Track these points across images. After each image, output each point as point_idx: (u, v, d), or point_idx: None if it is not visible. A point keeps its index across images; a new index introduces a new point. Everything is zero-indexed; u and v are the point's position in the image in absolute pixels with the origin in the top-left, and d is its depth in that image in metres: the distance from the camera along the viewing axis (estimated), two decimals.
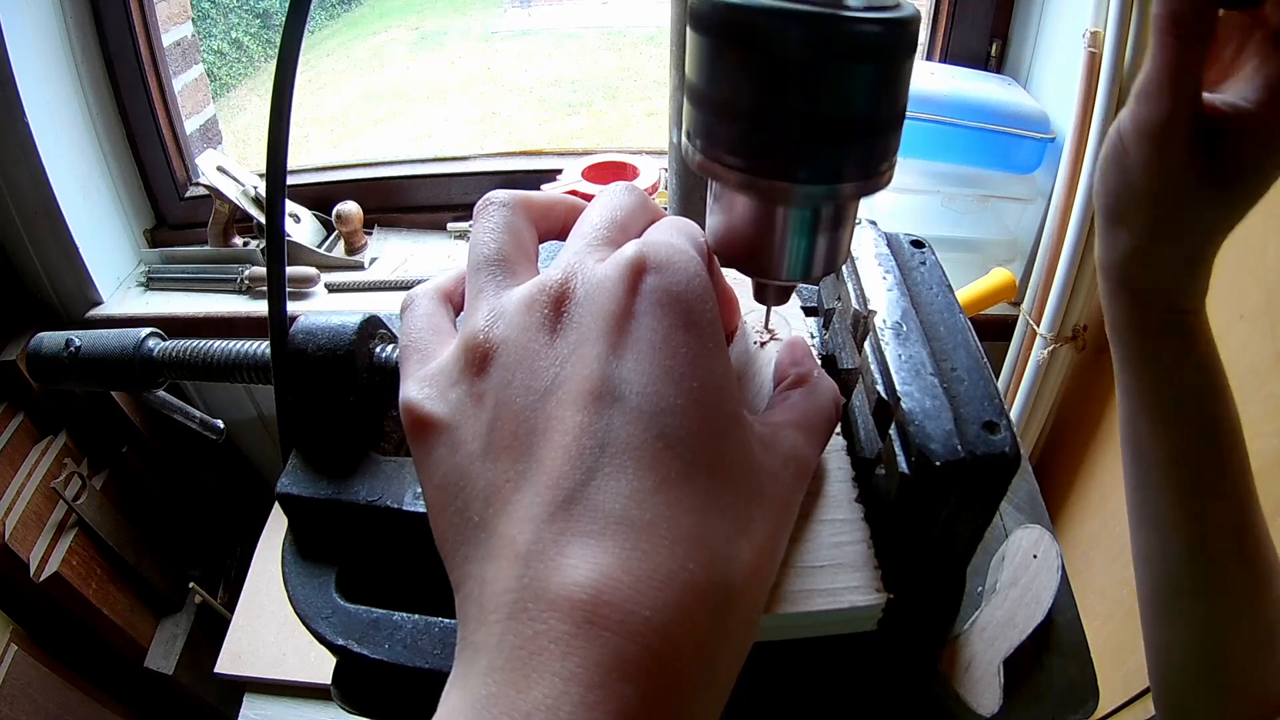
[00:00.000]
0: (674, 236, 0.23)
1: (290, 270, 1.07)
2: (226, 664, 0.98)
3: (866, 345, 0.28)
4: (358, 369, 0.32)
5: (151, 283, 1.11)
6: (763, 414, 0.25)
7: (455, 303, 0.27)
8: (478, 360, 0.21)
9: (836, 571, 0.25)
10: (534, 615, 0.17)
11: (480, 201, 0.26)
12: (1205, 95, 0.32)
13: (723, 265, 0.26)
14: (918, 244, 0.32)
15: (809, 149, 0.21)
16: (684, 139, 0.24)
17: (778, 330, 0.32)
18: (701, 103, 0.22)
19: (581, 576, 0.17)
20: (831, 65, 0.20)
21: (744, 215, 0.24)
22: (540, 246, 0.27)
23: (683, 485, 0.19)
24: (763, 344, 0.32)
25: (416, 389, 0.22)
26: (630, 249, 0.21)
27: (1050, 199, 0.88)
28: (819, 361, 0.30)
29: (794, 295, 0.36)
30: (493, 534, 0.19)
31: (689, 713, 0.18)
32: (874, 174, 0.23)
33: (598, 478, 0.19)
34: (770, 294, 0.28)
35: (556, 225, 0.27)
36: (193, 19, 1.16)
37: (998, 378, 1.00)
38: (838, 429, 0.29)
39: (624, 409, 0.19)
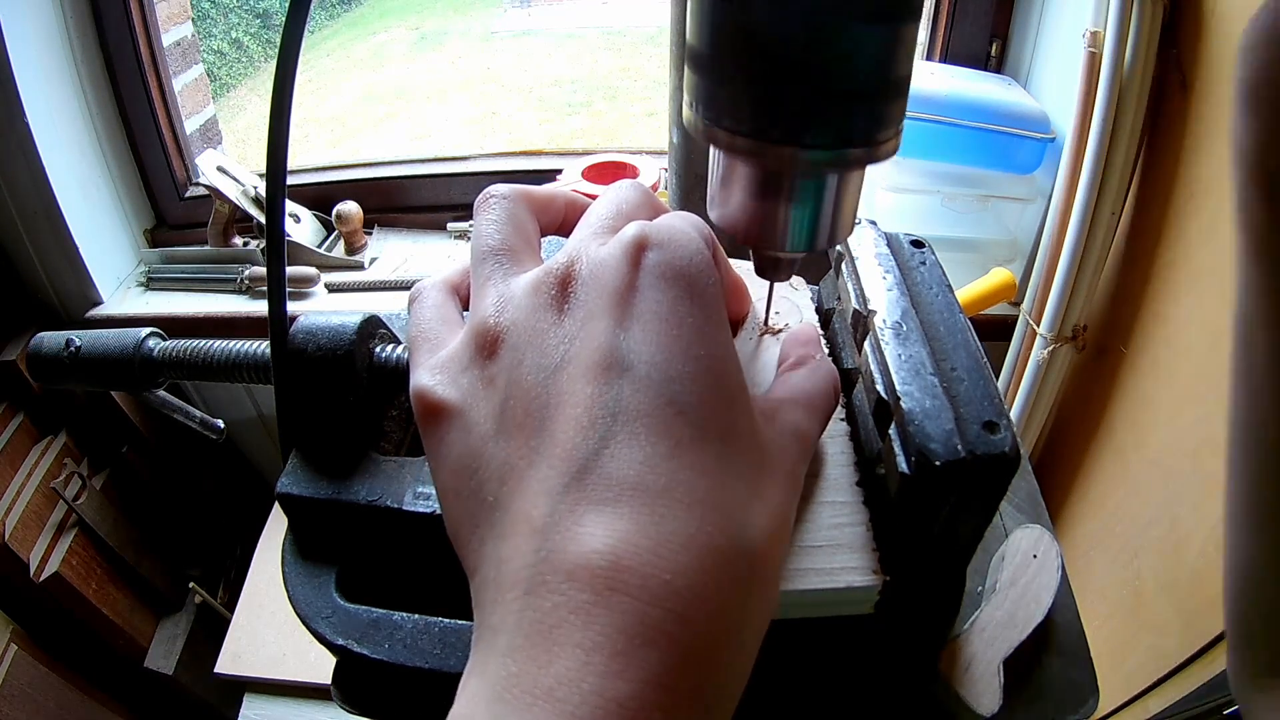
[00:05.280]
0: (675, 220, 0.23)
1: (290, 270, 1.07)
2: (226, 664, 0.98)
3: (866, 345, 0.28)
4: (358, 369, 0.32)
5: (151, 283, 1.11)
6: (764, 393, 0.26)
7: (462, 295, 0.27)
8: (488, 345, 0.22)
9: (835, 552, 0.25)
10: (553, 587, 0.17)
11: (481, 195, 0.26)
12: None
13: (726, 237, 0.26)
14: (918, 244, 0.32)
15: (814, 113, 0.21)
16: (686, 109, 0.24)
17: (789, 320, 0.32)
18: (705, 68, 0.22)
19: (600, 544, 0.17)
20: (838, 26, 0.20)
21: (747, 184, 0.24)
22: (542, 241, 0.27)
23: (695, 450, 0.19)
24: (775, 332, 0.32)
25: (428, 376, 0.23)
26: (631, 228, 0.22)
27: (1050, 199, 0.88)
28: (825, 349, 0.30)
29: (807, 291, 0.36)
30: (508, 511, 0.19)
31: (714, 679, 0.17)
32: (880, 140, 0.22)
33: (610, 446, 0.19)
34: (773, 268, 0.27)
35: (557, 218, 0.27)
36: (193, 19, 1.15)
37: (998, 378, 1.00)
38: (841, 414, 0.29)
39: (633, 378, 0.19)
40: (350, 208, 1.11)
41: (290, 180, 1.12)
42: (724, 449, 0.20)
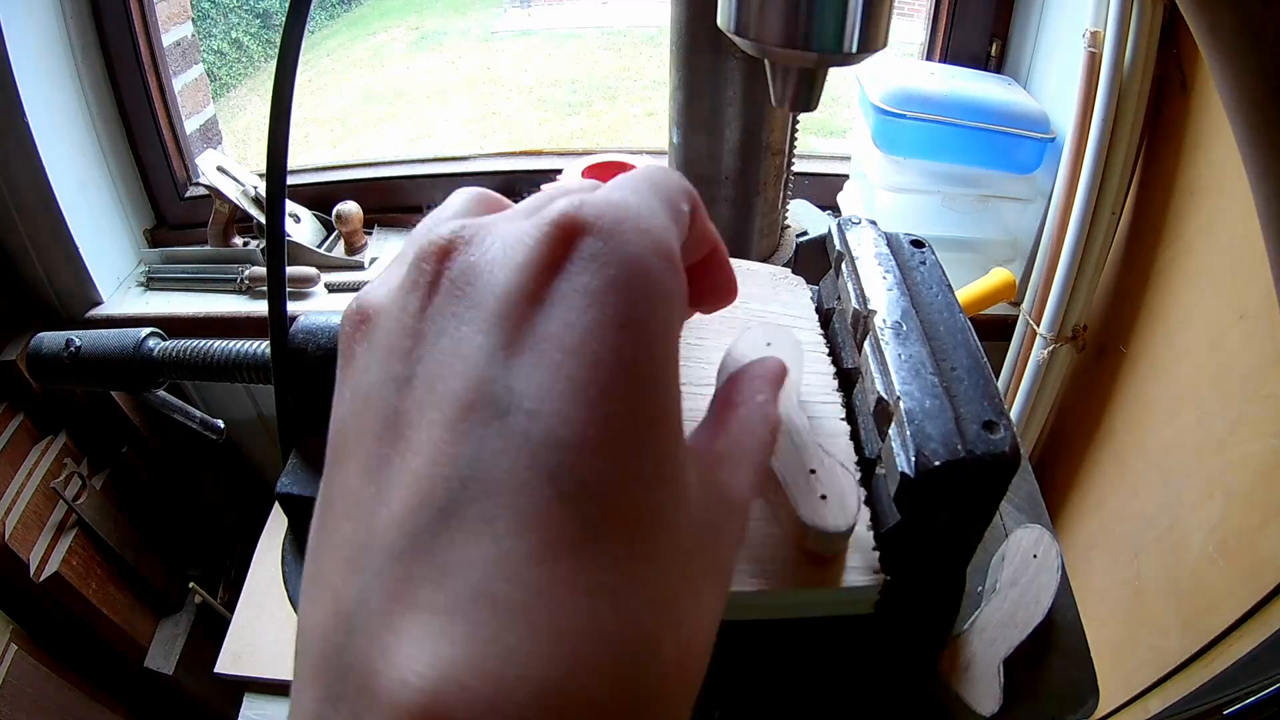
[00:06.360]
0: (633, 194, 0.16)
1: (290, 270, 1.07)
2: (226, 664, 0.98)
3: (866, 345, 0.28)
4: None
5: (151, 283, 1.11)
6: (700, 435, 0.20)
7: None
8: (359, 321, 0.17)
9: None
10: (355, 710, 0.13)
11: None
12: None
13: (744, 41, 0.21)
14: (918, 244, 0.32)
15: None
16: None
17: (775, 341, 0.27)
18: None
19: (413, 675, 0.12)
20: None
21: None
22: None
23: (578, 554, 0.13)
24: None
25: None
26: (562, 203, 0.15)
27: (1050, 199, 0.88)
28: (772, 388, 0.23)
29: (807, 291, 0.35)
30: (319, 564, 0.15)
31: None
32: None
33: (453, 525, 0.13)
34: (794, 86, 0.24)
35: None
36: (193, 19, 1.15)
37: (998, 378, 1.00)
38: (841, 415, 0.29)
39: (504, 432, 0.14)
40: (350, 208, 1.11)
41: (290, 180, 1.11)
42: (628, 551, 0.14)
